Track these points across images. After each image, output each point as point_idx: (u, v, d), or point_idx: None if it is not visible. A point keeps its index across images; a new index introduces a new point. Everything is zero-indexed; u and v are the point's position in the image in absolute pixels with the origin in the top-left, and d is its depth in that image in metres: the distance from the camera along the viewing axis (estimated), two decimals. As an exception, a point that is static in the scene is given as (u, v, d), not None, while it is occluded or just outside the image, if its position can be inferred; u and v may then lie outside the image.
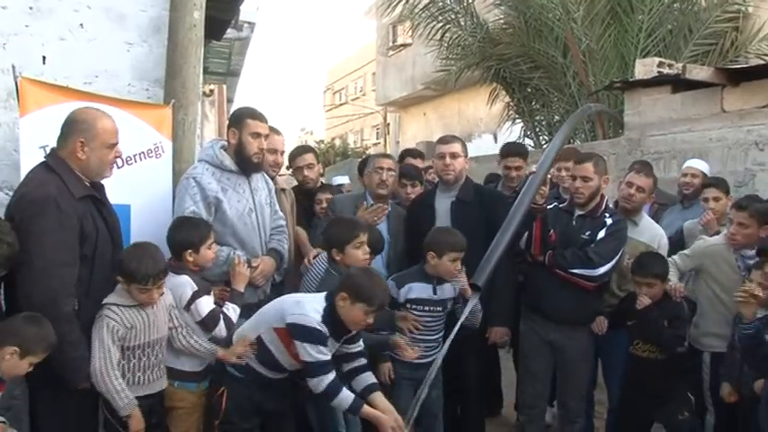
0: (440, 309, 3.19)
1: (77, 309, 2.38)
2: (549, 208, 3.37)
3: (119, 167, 2.80)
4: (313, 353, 2.51)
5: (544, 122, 9.22)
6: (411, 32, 11.59)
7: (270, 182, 3.31)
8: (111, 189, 2.67)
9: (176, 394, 2.71)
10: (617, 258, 3.25)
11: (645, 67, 5.99)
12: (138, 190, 3.10)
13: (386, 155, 4.06)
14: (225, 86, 11.47)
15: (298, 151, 4.08)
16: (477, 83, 9.85)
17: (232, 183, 3.02)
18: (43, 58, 3.30)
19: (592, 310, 3.36)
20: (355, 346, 2.77)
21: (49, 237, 2.29)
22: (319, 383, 2.53)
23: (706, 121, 5.41)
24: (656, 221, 3.91)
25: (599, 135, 7.81)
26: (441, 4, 9.31)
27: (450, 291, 3.18)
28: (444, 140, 3.63)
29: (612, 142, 6.59)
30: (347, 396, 2.56)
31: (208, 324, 2.72)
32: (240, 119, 3.05)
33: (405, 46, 18.20)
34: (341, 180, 5.47)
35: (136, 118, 3.15)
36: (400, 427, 2.60)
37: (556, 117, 8.88)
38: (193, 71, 3.41)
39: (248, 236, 3.05)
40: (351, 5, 78.56)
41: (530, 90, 9.11)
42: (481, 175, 5.31)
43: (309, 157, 4.05)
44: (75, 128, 2.46)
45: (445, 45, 9.61)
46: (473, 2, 9.27)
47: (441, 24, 9.42)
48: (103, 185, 2.62)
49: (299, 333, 2.52)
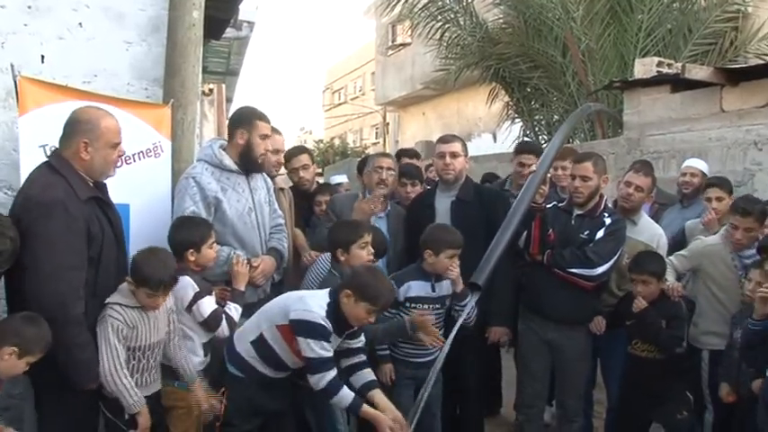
0: (439, 306, 3.19)
1: (83, 311, 2.35)
2: (548, 207, 3.37)
3: (118, 167, 2.78)
4: (316, 348, 2.50)
5: (543, 122, 9.21)
6: (410, 32, 11.57)
7: (269, 181, 3.31)
8: (110, 189, 2.65)
9: (176, 394, 2.70)
10: (616, 258, 3.25)
11: (644, 67, 5.99)
12: (137, 189, 3.09)
13: (385, 154, 4.06)
14: (224, 86, 11.46)
15: (293, 152, 4.04)
16: (477, 82, 9.84)
17: (231, 182, 3.02)
18: (42, 57, 3.28)
19: (590, 309, 3.36)
20: (356, 341, 2.77)
21: (58, 240, 2.27)
22: (320, 380, 2.52)
23: (705, 121, 5.41)
24: (657, 221, 3.91)
25: (598, 134, 7.81)
26: (440, 3, 9.28)
27: (449, 288, 3.17)
28: (445, 140, 3.63)
29: (612, 142, 6.59)
30: (347, 395, 2.55)
31: (210, 324, 2.72)
32: (250, 120, 3.04)
33: (404, 45, 18.18)
34: (339, 179, 5.45)
35: (135, 117, 3.14)
36: (402, 426, 2.58)
37: (555, 117, 8.86)
38: (192, 70, 3.40)
39: (248, 235, 3.04)
40: (350, 5, 78.67)
41: (529, 89, 9.10)
42: (481, 174, 5.32)
43: (305, 158, 4.03)
44: (79, 128, 2.44)
45: (444, 44, 9.59)
46: (472, 1, 9.26)
47: (440, 24, 9.40)
48: (106, 185, 2.60)
49: (302, 329, 2.52)
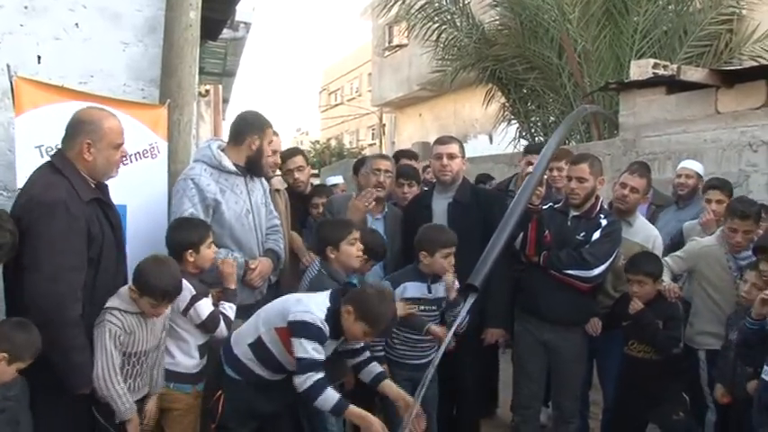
0: (434, 308, 3.19)
1: (81, 313, 2.34)
2: (544, 209, 3.37)
3: (117, 167, 2.79)
4: (308, 348, 2.47)
5: (539, 123, 9.22)
6: (407, 33, 11.62)
7: (264, 182, 3.29)
8: (107, 190, 2.66)
9: (172, 396, 2.70)
10: (612, 259, 3.26)
11: (640, 69, 6.00)
12: (134, 190, 3.08)
13: (384, 156, 4.03)
14: (221, 87, 11.48)
15: (288, 154, 4.01)
16: (473, 84, 9.85)
17: (230, 184, 3.01)
18: (38, 57, 3.28)
19: (586, 311, 3.37)
20: (358, 342, 2.76)
21: (59, 240, 2.26)
22: (305, 382, 2.46)
23: (700, 123, 5.43)
24: (653, 223, 3.92)
25: (594, 136, 7.82)
26: (437, 4, 9.30)
27: (444, 289, 3.17)
28: (442, 141, 3.63)
29: (607, 143, 6.60)
30: (331, 396, 2.47)
31: (208, 326, 2.72)
32: (262, 127, 3.06)
33: (400, 47, 18.18)
34: (335, 180, 5.46)
35: (131, 118, 3.12)
36: (408, 404, 2.59)
37: (551, 118, 8.88)
38: (189, 71, 3.40)
39: (245, 237, 3.04)
40: (347, 6, 78.85)
41: (525, 91, 9.11)
42: (475, 175, 5.33)
43: (299, 160, 4.01)
44: (82, 129, 2.43)
45: (441, 46, 9.59)
46: (469, 3, 9.29)
47: (437, 25, 9.41)
48: (108, 186, 2.60)
49: (299, 330, 2.50)
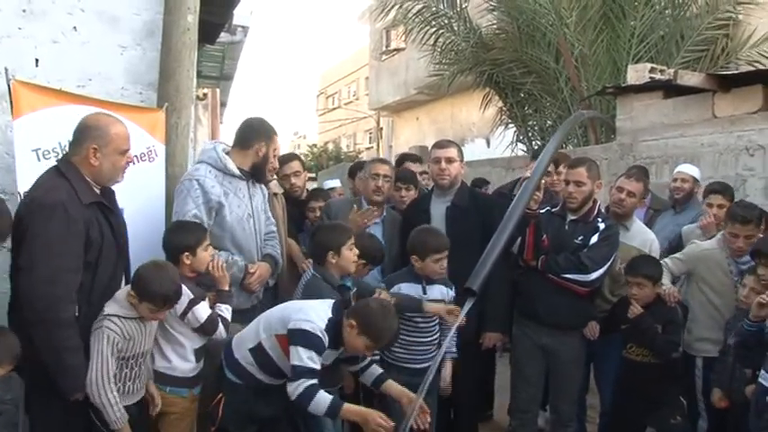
0: (429, 309, 3.18)
1: (77, 315, 2.35)
2: (541, 213, 3.38)
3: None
4: (304, 357, 2.46)
5: (537, 127, 9.23)
6: (404, 37, 11.60)
7: (264, 188, 3.29)
8: (103, 193, 2.65)
9: (168, 400, 2.68)
10: (609, 263, 3.27)
11: (637, 73, 6.02)
12: (131, 194, 3.06)
13: (383, 160, 4.01)
14: (218, 90, 11.47)
15: (284, 159, 3.97)
16: (470, 88, 9.87)
17: (233, 187, 3.00)
18: (36, 60, 3.27)
19: (584, 315, 3.37)
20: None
21: (57, 243, 2.27)
22: (296, 389, 2.44)
23: (697, 127, 5.45)
24: (651, 227, 3.92)
25: (591, 140, 7.84)
26: (434, 9, 9.32)
27: (440, 292, 3.17)
28: (440, 145, 3.63)
29: (605, 147, 6.61)
30: (323, 399, 2.43)
31: (207, 329, 2.71)
32: (269, 135, 3.07)
33: (398, 50, 18.19)
34: (332, 184, 5.46)
35: (129, 121, 3.08)
36: (409, 400, 2.58)
37: (548, 122, 8.89)
38: (187, 75, 3.40)
39: (246, 241, 3.03)
40: (344, 10, 79.01)
41: (522, 95, 9.13)
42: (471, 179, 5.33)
43: (296, 165, 4.01)
44: (89, 134, 2.44)
45: (438, 50, 9.60)
46: (466, 7, 9.30)
47: (434, 29, 9.42)
48: (114, 192, 2.60)
49: (298, 338, 2.49)
